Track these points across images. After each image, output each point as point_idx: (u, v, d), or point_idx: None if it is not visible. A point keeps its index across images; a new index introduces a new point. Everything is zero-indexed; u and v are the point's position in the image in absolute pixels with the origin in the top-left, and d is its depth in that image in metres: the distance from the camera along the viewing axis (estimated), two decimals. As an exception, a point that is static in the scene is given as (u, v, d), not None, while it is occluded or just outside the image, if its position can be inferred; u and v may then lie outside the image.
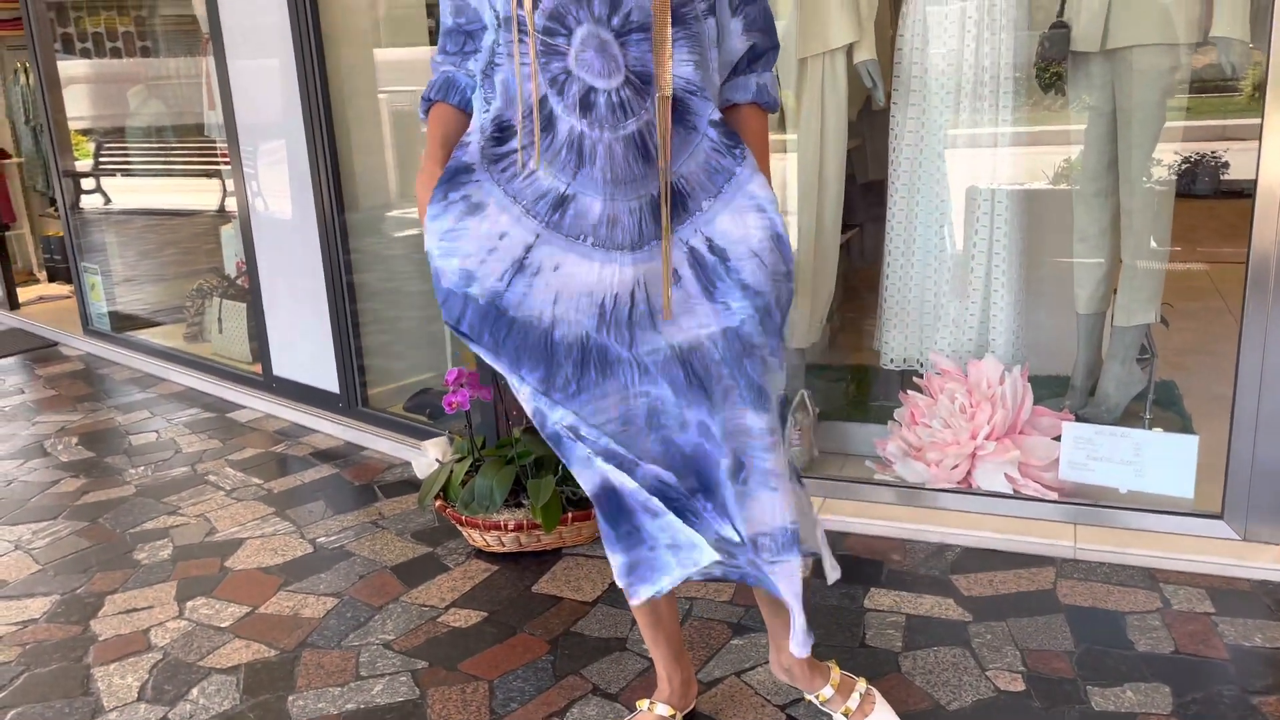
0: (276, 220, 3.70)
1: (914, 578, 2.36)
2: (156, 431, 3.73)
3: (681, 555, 1.50)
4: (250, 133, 3.70)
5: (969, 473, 2.66)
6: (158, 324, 5.13)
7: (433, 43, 3.57)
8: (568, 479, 2.64)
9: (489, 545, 2.59)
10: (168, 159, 6.65)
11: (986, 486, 2.62)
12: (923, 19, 2.80)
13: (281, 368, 3.82)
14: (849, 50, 2.88)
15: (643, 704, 1.85)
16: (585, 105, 1.42)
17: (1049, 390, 3.05)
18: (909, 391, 2.84)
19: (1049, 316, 3.10)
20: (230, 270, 4.61)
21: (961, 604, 2.24)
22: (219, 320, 4.40)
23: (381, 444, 3.39)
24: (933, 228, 2.97)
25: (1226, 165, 5.79)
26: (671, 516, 1.49)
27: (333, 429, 3.58)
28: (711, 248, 1.49)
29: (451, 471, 2.64)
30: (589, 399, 1.49)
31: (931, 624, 2.16)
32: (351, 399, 3.53)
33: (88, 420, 3.93)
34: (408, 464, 3.25)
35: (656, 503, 1.49)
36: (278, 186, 3.67)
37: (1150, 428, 2.82)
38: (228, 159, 3.84)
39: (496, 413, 2.89)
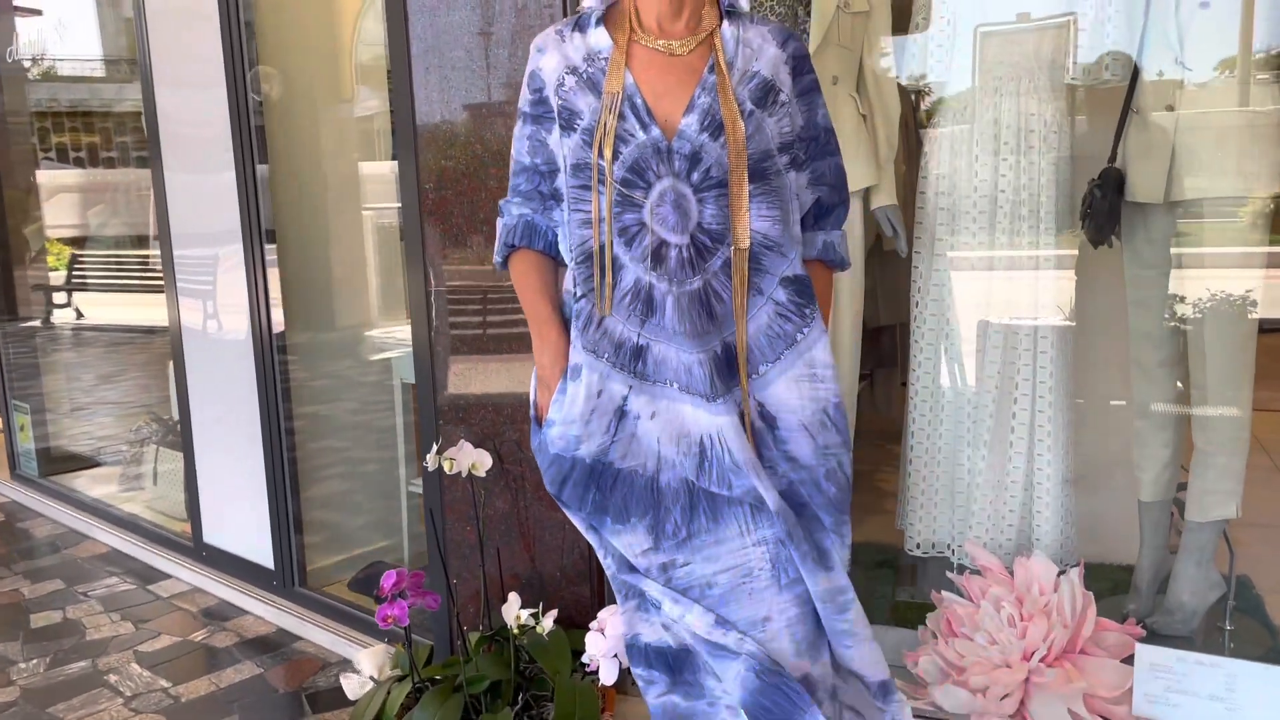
0: (209, 353, 3.29)
1: None
2: (63, 610, 3.22)
3: None
4: (185, 252, 3.32)
5: (1022, 703, 2.17)
6: (99, 464, 4.67)
7: (391, 158, 3.25)
8: (530, 708, 2.16)
9: (429, 796, 2.08)
10: (126, 278, 6.30)
11: (1045, 723, 2.13)
12: (949, 151, 2.45)
13: (213, 533, 3.34)
14: (865, 195, 2.52)
15: None
16: (657, 258, 1.42)
17: (1106, 582, 2.60)
18: (944, 593, 2.37)
19: (1104, 493, 2.68)
20: (177, 411, 4.17)
21: None
22: (155, 470, 3.93)
23: (319, 635, 2.89)
24: (964, 385, 2.56)
25: (1254, 303, 5.45)
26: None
27: (265, 611, 3.08)
28: (762, 414, 1.47)
29: (388, 696, 2.15)
30: (701, 545, 1.47)
31: None
32: (287, 577, 3.05)
33: (-12, 591, 3.43)
34: (346, 662, 2.75)
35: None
36: (211, 312, 3.28)
37: (1232, 640, 2.37)
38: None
39: (450, 614, 2.41)
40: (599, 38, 1.49)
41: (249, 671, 2.74)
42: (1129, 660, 2.16)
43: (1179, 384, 2.37)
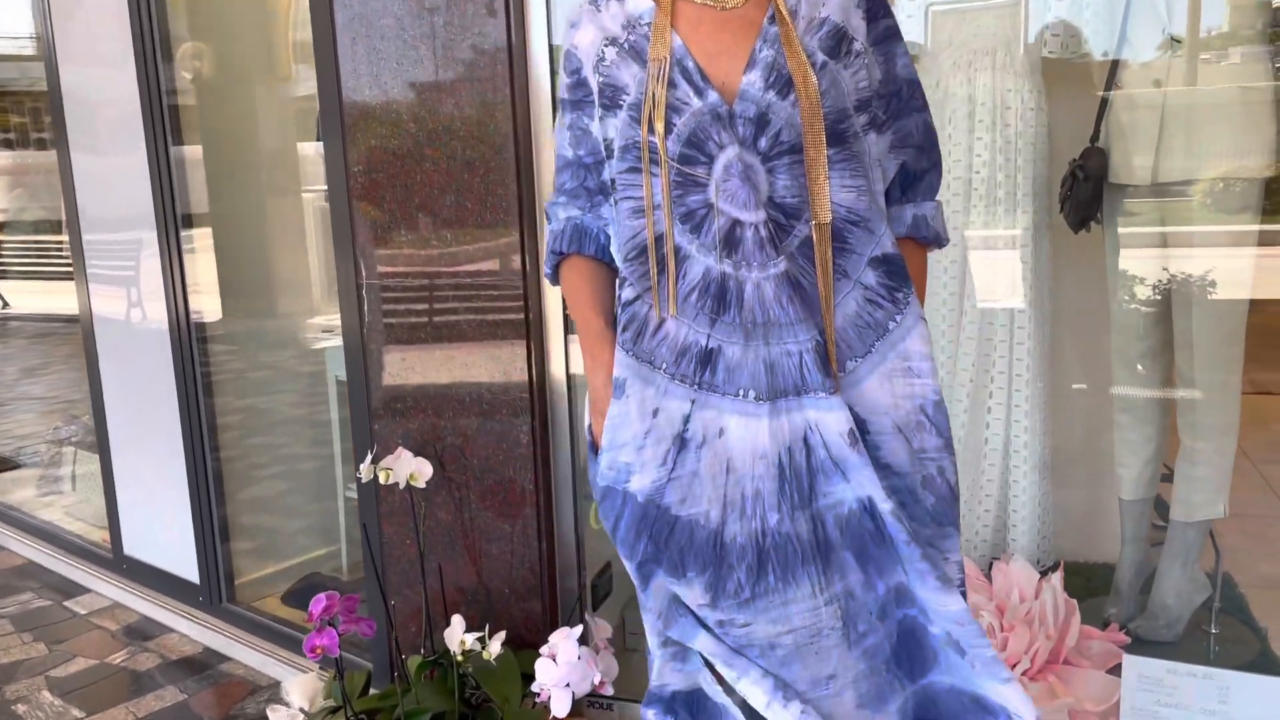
0: (125, 345, 3.05)
1: None
2: (-31, 631, 2.98)
3: None
4: (97, 238, 3.08)
5: None
6: (18, 466, 4.38)
7: (319, 139, 3.06)
8: (477, 739, 1.98)
9: (366, 841, 1.90)
10: (51, 265, 5.98)
11: (1029, 742, 2.00)
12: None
13: (134, 544, 3.11)
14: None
15: None
16: (730, 242, 1.23)
17: (1083, 579, 2.48)
18: (917, 601, 2.23)
19: (1080, 488, 2.56)
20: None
21: None
22: (73, 473, 3.67)
23: (249, 655, 2.68)
24: (939, 368, 2.42)
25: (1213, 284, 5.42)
26: None
27: (191, 629, 2.86)
28: (850, 416, 1.25)
29: (318, 734, 1.96)
30: (766, 607, 1.26)
31: None
32: (214, 592, 2.83)
33: (-113, 611, 3.16)
34: (279, 685, 2.55)
35: None
36: (135, 300, 3.05)
37: (1217, 644, 2.26)
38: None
39: (389, 635, 2.22)
40: (639, 1, 1.30)
41: (171, 698, 2.52)
42: (1115, 670, 2.04)
43: (1158, 374, 2.25)
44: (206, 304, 2.94)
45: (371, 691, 2.16)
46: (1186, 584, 2.21)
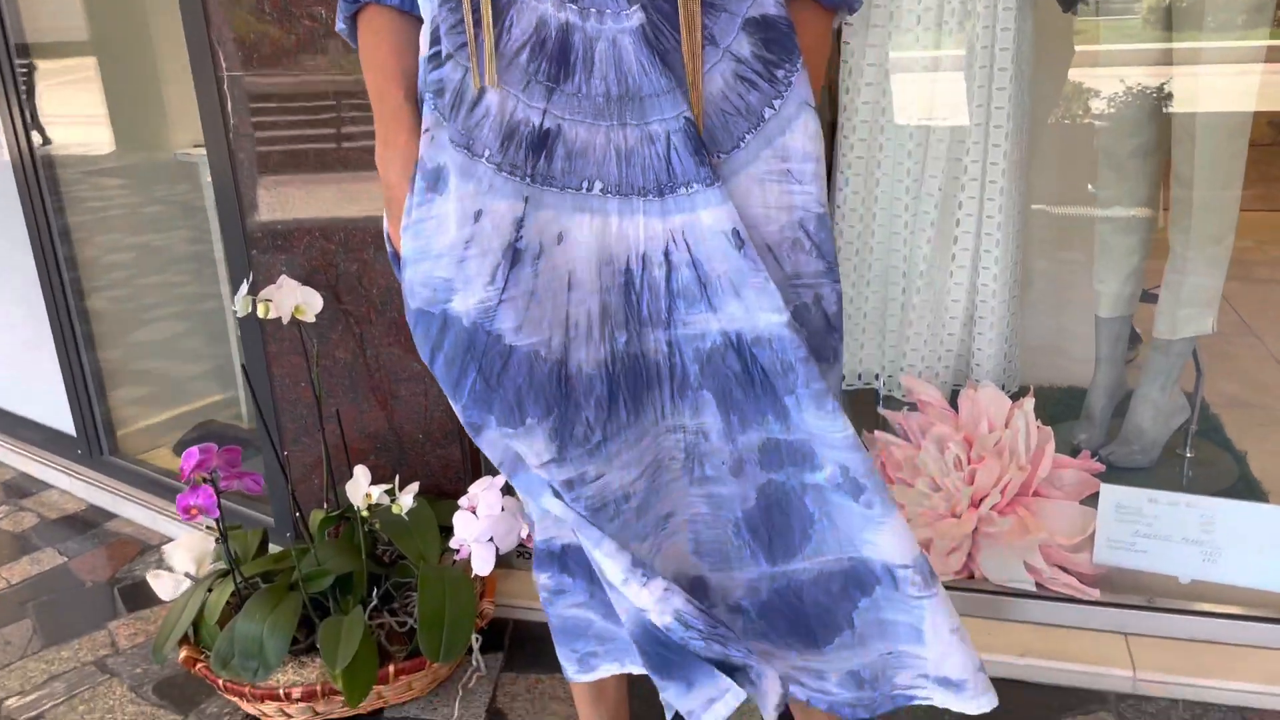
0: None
1: (915, 746, 1.58)
2: None
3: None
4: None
5: (971, 556, 1.88)
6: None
7: None
8: (390, 598, 1.76)
9: (268, 716, 1.69)
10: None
11: (997, 580, 1.85)
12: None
13: (0, 395, 2.77)
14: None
15: None
16: None
17: (1045, 406, 2.32)
18: (877, 432, 2.04)
19: (1045, 307, 2.37)
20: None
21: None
22: (-68, 319, 3.27)
23: (135, 510, 2.41)
24: (901, 182, 2.16)
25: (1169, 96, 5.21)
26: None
27: (72, 485, 2.57)
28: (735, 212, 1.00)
29: (204, 604, 1.71)
30: (619, 449, 1.03)
31: None
32: (93, 444, 2.53)
33: None
34: (170, 542, 2.29)
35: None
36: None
37: (1190, 469, 2.12)
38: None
39: (288, 493, 1.96)
40: None
41: (50, 561, 2.26)
42: (1088, 501, 1.88)
43: (1146, 178, 2.01)
44: (97, 135, 2.62)
45: (272, 549, 1.92)
46: (1165, 407, 2.05)
